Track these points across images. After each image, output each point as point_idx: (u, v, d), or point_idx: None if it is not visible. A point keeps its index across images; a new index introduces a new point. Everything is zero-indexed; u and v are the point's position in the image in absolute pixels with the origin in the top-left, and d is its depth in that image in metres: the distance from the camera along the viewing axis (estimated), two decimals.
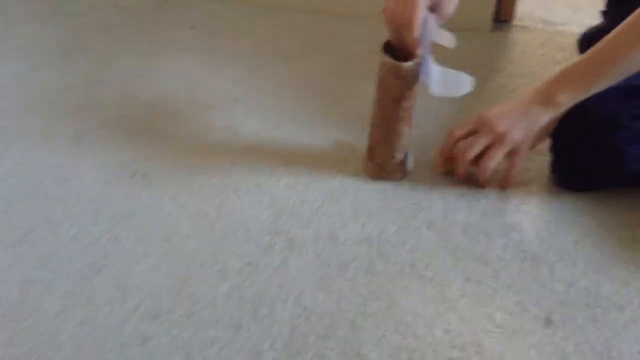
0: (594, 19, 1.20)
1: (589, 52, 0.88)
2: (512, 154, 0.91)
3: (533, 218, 0.91)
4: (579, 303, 0.79)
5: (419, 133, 1.03)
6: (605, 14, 1.14)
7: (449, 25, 0.92)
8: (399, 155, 0.96)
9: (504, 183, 0.94)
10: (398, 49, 0.90)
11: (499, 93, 1.20)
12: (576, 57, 1.20)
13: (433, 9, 0.89)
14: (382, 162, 0.97)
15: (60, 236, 0.86)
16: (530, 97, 0.90)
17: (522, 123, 0.89)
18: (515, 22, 1.45)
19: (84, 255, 0.83)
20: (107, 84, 1.20)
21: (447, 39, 0.91)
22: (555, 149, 0.96)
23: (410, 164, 0.98)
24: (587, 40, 1.17)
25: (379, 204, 0.93)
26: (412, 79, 0.90)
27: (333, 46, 1.36)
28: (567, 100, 0.88)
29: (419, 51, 0.88)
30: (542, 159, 1.00)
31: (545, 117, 0.89)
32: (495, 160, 0.91)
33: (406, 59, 0.88)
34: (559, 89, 0.88)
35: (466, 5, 1.38)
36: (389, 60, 0.89)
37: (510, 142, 0.90)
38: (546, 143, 0.96)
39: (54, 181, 0.96)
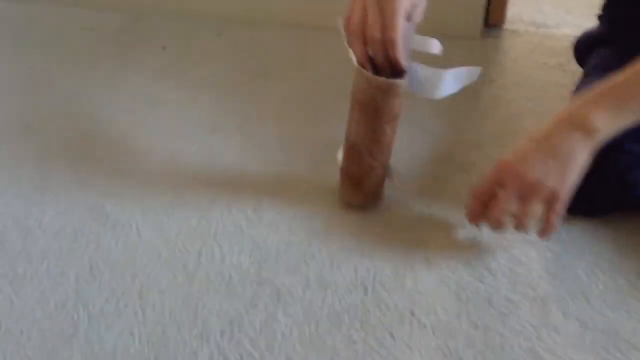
0: (587, 20, 1.13)
1: (623, 72, 0.76)
2: (550, 200, 0.77)
3: (540, 250, 0.84)
4: (595, 347, 0.72)
5: (408, 154, 0.95)
6: (601, 18, 1.07)
7: (438, 33, 0.84)
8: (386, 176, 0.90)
9: (543, 234, 0.80)
10: (363, 64, 0.81)
11: (494, 106, 1.13)
12: (573, 60, 1.15)
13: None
14: (374, 189, 0.89)
15: (23, 299, 0.78)
16: (557, 127, 0.76)
17: (555, 163, 0.75)
18: (505, 26, 1.38)
19: (50, 322, 0.75)
20: (72, 118, 1.12)
21: (432, 46, 0.83)
22: None
23: (396, 179, 0.91)
24: (583, 45, 1.10)
25: (371, 241, 0.86)
26: (403, 95, 0.83)
27: (314, 62, 1.28)
28: (602, 123, 0.74)
29: (405, 63, 0.80)
30: None
31: (580, 147, 0.74)
32: (534, 216, 0.77)
33: (378, 74, 0.81)
34: (590, 110, 0.74)
35: (454, 11, 1.31)
36: (384, 80, 0.80)
37: (545, 191, 0.75)
38: None
39: (17, 233, 0.88)
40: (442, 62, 0.84)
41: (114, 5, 1.46)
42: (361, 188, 0.88)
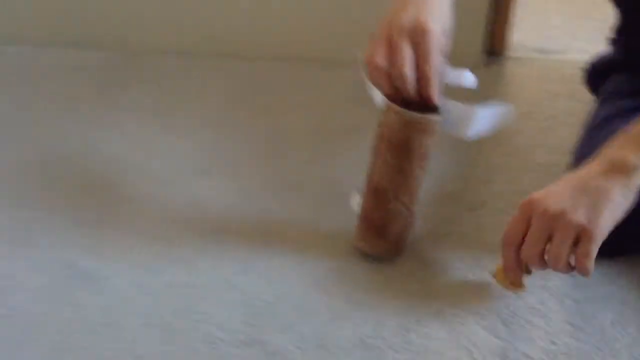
0: (596, 44, 1.08)
1: None
2: (581, 239, 0.69)
3: (560, 298, 0.76)
4: None
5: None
6: (614, 42, 1.01)
7: None
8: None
9: (580, 273, 0.70)
10: (393, 100, 0.75)
11: (500, 138, 1.06)
12: (583, 88, 1.08)
13: None
14: (399, 238, 0.82)
15: None
16: (591, 170, 0.71)
17: (584, 200, 0.68)
18: (509, 53, 1.32)
19: None
20: (55, 164, 1.05)
21: (465, 79, 0.77)
22: None
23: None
24: (596, 71, 1.04)
25: (375, 292, 0.78)
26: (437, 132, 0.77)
27: (312, 98, 1.22)
28: None
29: (438, 100, 0.75)
30: None
31: (616, 189, 0.69)
32: (562, 253, 0.69)
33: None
34: (627, 150, 0.70)
35: (453, 38, 1.25)
36: (420, 116, 0.74)
37: (572, 225, 0.68)
38: None
39: None
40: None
41: (104, 44, 1.41)
42: (385, 236, 0.81)
